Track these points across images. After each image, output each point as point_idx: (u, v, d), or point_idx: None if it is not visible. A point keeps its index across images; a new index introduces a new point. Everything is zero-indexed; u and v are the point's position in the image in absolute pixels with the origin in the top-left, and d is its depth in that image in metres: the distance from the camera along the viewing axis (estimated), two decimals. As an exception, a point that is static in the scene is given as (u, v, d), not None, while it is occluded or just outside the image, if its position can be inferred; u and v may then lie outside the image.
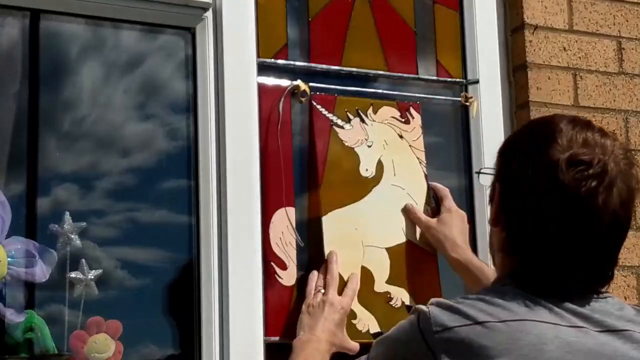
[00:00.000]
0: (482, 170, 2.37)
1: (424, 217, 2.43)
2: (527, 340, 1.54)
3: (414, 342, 1.60)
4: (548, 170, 1.60)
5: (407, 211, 2.44)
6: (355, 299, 2.33)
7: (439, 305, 1.62)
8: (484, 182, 2.39)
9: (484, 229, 2.55)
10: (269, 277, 2.31)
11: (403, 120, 2.51)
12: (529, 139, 1.70)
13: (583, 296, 1.63)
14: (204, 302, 2.27)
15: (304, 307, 2.25)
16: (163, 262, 2.32)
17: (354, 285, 2.31)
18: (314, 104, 2.42)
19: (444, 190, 2.46)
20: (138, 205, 2.31)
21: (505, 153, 1.74)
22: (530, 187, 1.62)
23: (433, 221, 2.41)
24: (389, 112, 2.51)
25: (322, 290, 2.26)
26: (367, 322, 2.35)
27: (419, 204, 2.46)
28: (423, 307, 1.62)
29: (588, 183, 1.58)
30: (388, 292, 2.40)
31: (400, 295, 2.41)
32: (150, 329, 2.28)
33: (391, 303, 2.39)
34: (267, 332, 2.28)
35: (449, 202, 2.44)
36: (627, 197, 1.62)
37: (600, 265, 1.65)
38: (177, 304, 2.31)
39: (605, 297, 1.66)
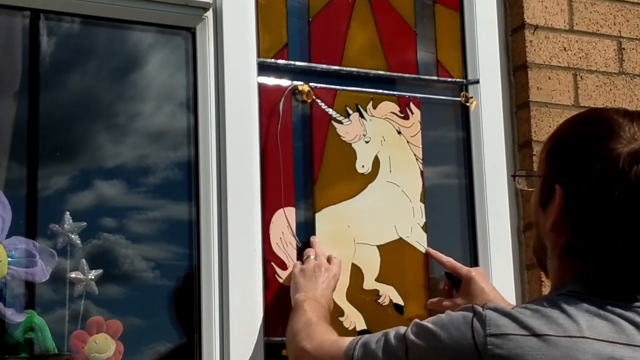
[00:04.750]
0: (517, 173, 2.21)
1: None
2: (582, 358, 1.47)
3: (463, 338, 1.52)
4: (615, 165, 1.53)
5: (432, 304, 2.40)
6: (344, 296, 2.35)
7: (495, 309, 1.54)
8: (521, 187, 2.13)
9: (484, 230, 2.55)
10: (269, 277, 2.31)
11: (402, 115, 2.52)
12: (587, 134, 1.59)
13: None
14: (204, 302, 2.27)
15: (295, 270, 2.24)
16: (163, 262, 2.32)
17: (339, 259, 2.29)
18: (314, 97, 2.42)
19: (449, 261, 2.39)
20: (138, 205, 2.31)
21: (558, 153, 1.64)
22: (600, 184, 1.53)
23: (466, 278, 2.32)
24: (388, 107, 2.51)
25: (312, 256, 2.26)
26: (354, 320, 2.35)
27: (412, 201, 2.47)
28: (478, 307, 1.55)
29: None
30: (376, 290, 2.40)
31: (389, 293, 2.41)
32: (150, 328, 2.28)
33: (379, 301, 2.40)
34: (267, 332, 2.28)
35: (463, 267, 2.35)
36: None
37: None
38: (177, 304, 2.31)
39: None
